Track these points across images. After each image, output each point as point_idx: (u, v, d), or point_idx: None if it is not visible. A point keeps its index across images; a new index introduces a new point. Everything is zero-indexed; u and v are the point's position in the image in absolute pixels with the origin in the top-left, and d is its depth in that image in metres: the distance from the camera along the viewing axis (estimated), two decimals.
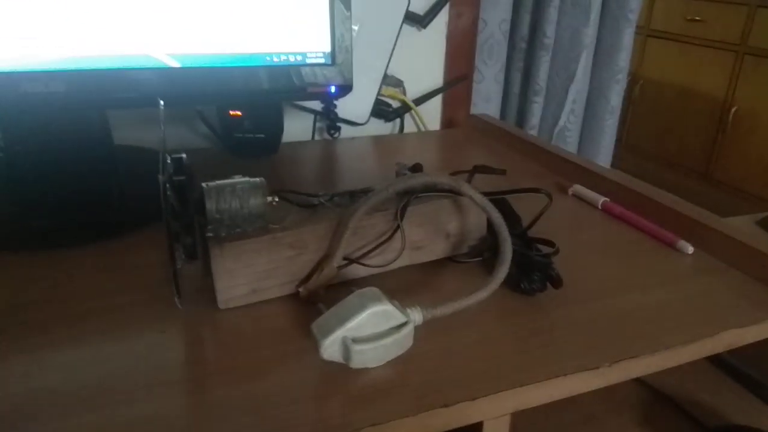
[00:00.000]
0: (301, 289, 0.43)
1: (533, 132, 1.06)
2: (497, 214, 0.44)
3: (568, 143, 1.09)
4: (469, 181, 0.53)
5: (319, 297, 0.43)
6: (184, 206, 0.38)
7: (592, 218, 0.60)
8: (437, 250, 0.49)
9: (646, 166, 2.87)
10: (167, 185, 0.37)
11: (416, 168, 0.53)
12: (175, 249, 0.39)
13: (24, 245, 0.50)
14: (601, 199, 0.61)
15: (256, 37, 0.55)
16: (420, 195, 0.47)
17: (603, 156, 1.12)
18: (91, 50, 0.50)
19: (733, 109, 2.49)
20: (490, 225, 0.46)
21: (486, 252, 0.49)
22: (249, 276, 0.42)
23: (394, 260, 0.46)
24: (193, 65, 0.53)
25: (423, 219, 0.47)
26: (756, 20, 2.38)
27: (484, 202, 0.45)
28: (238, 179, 0.42)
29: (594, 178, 0.67)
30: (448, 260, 0.50)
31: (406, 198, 0.46)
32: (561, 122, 1.06)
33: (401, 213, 0.45)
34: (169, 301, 0.42)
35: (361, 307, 0.36)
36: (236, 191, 0.41)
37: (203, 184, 0.41)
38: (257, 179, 0.42)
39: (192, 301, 0.43)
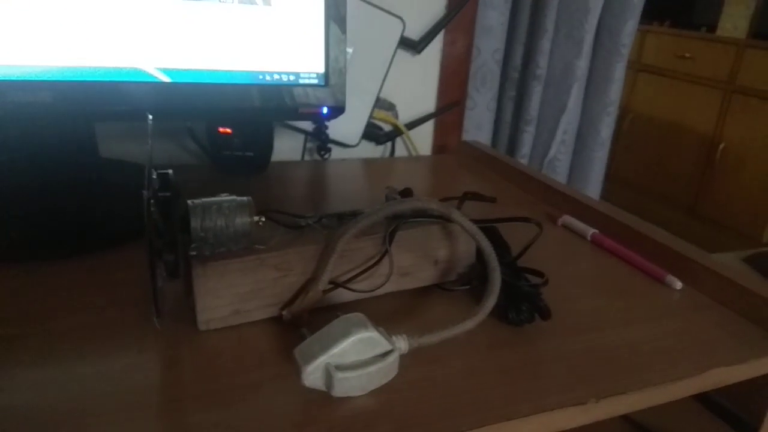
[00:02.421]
0: (284, 313, 0.42)
1: (524, 161, 1.06)
2: (487, 242, 0.44)
3: (558, 174, 1.10)
4: (459, 207, 0.53)
5: (302, 321, 0.42)
6: (168, 223, 0.38)
7: (581, 250, 0.60)
8: (425, 276, 0.48)
9: (633, 198, 2.90)
10: (152, 201, 0.36)
11: (406, 193, 0.52)
12: (156, 267, 0.38)
13: (1, 257, 0.49)
14: (590, 231, 0.61)
15: (249, 55, 0.54)
16: (409, 220, 0.47)
17: (592, 188, 1.13)
18: (80, 61, 0.49)
19: (721, 146, 2.52)
20: (480, 253, 0.45)
21: (474, 280, 0.49)
22: (231, 297, 0.41)
23: (382, 286, 0.46)
24: (183, 80, 0.52)
25: (412, 244, 0.47)
26: (744, 59, 2.43)
27: (474, 229, 0.44)
28: (224, 197, 0.41)
29: (583, 209, 0.66)
30: (436, 287, 0.49)
31: (395, 223, 0.46)
32: (551, 152, 1.07)
33: (390, 238, 0.45)
34: (148, 321, 0.41)
35: (345, 334, 0.35)
36: (222, 209, 0.40)
37: (189, 201, 0.40)
38: (244, 198, 0.41)
39: (171, 321, 0.42)
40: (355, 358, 0.35)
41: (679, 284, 0.52)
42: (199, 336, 0.40)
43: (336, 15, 0.57)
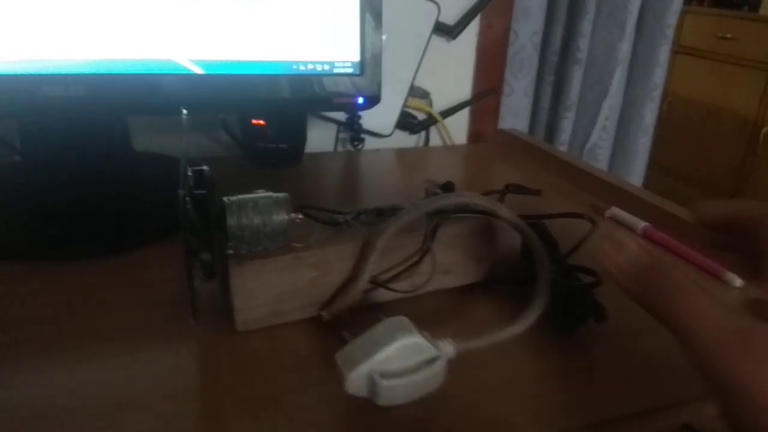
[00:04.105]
0: (323, 313, 0.41)
1: (563, 148, 1.02)
2: (537, 241, 0.41)
3: (599, 161, 1.06)
4: (501, 201, 0.50)
5: (342, 321, 0.40)
6: (204, 221, 0.36)
7: None
8: (468, 274, 0.46)
9: (672, 185, 2.82)
10: (187, 199, 0.35)
11: (447, 187, 0.50)
12: (192, 266, 0.36)
13: (36, 255, 0.48)
14: (641, 224, 0.58)
15: (284, 45, 0.52)
16: (451, 215, 0.45)
17: (635, 176, 1.08)
18: (113, 54, 0.48)
19: (764, 130, 2.43)
20: (525, 249, 0.43)
21: (520, 278, 0.46)
22: (269, 297, 0.39)
23: (424, 285, 0.44)
24: (217, 72, 0.51)
25: (454, 242, 0.45)
26: None
27: (523, 226, 0.42)
28: (260, 194, 0.39)
29: (630, 199, 0.63)
30: (479, 285, 0.47)
31: (436, 219, 0.44)
32: (592, 139, 1.03)
33: (431, 235, 0.43)
34: (185, 321, 0.40)
35: (390, 339, 0.33)
36: (259, 207, 0.38)
37: (225, 199, 0.38)
38: (281, 195, 0.40)
39: (208, 322, 0.40)
40: (399, 364, 0.33)
41: (738, 281, 0.49)
42: (237, 337, 0.39)
43: (371, 2, 0.54)
